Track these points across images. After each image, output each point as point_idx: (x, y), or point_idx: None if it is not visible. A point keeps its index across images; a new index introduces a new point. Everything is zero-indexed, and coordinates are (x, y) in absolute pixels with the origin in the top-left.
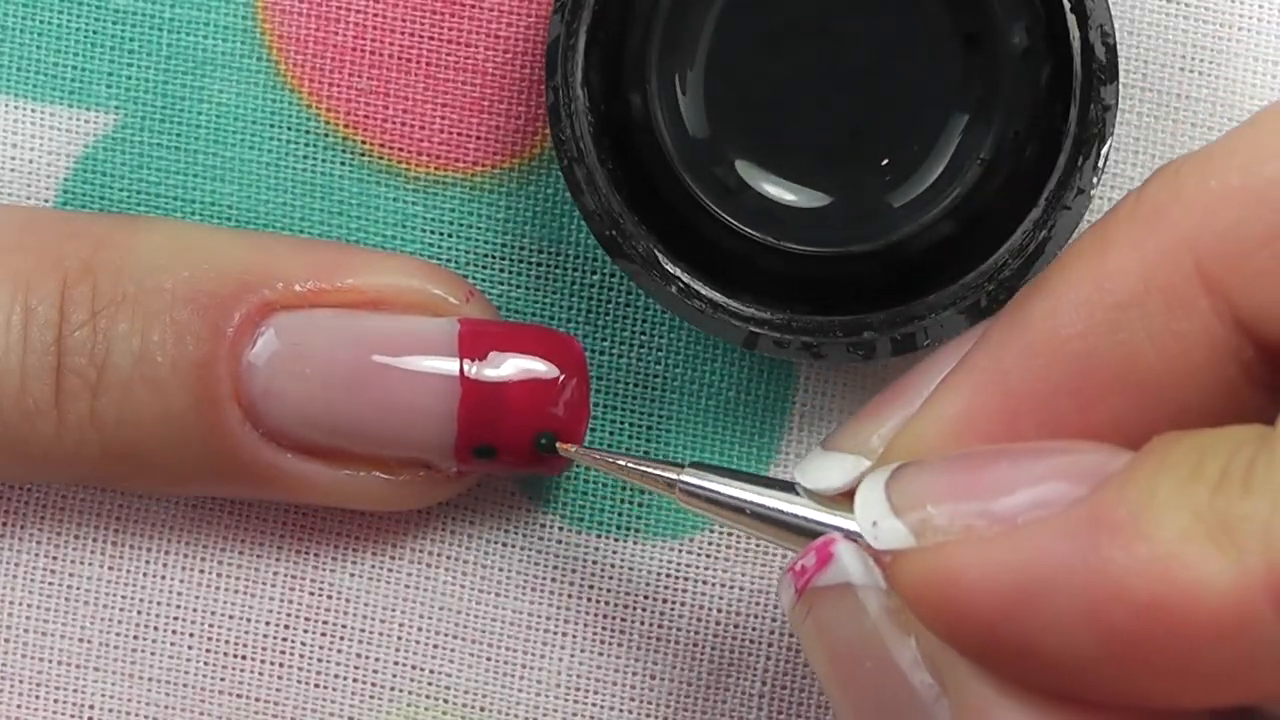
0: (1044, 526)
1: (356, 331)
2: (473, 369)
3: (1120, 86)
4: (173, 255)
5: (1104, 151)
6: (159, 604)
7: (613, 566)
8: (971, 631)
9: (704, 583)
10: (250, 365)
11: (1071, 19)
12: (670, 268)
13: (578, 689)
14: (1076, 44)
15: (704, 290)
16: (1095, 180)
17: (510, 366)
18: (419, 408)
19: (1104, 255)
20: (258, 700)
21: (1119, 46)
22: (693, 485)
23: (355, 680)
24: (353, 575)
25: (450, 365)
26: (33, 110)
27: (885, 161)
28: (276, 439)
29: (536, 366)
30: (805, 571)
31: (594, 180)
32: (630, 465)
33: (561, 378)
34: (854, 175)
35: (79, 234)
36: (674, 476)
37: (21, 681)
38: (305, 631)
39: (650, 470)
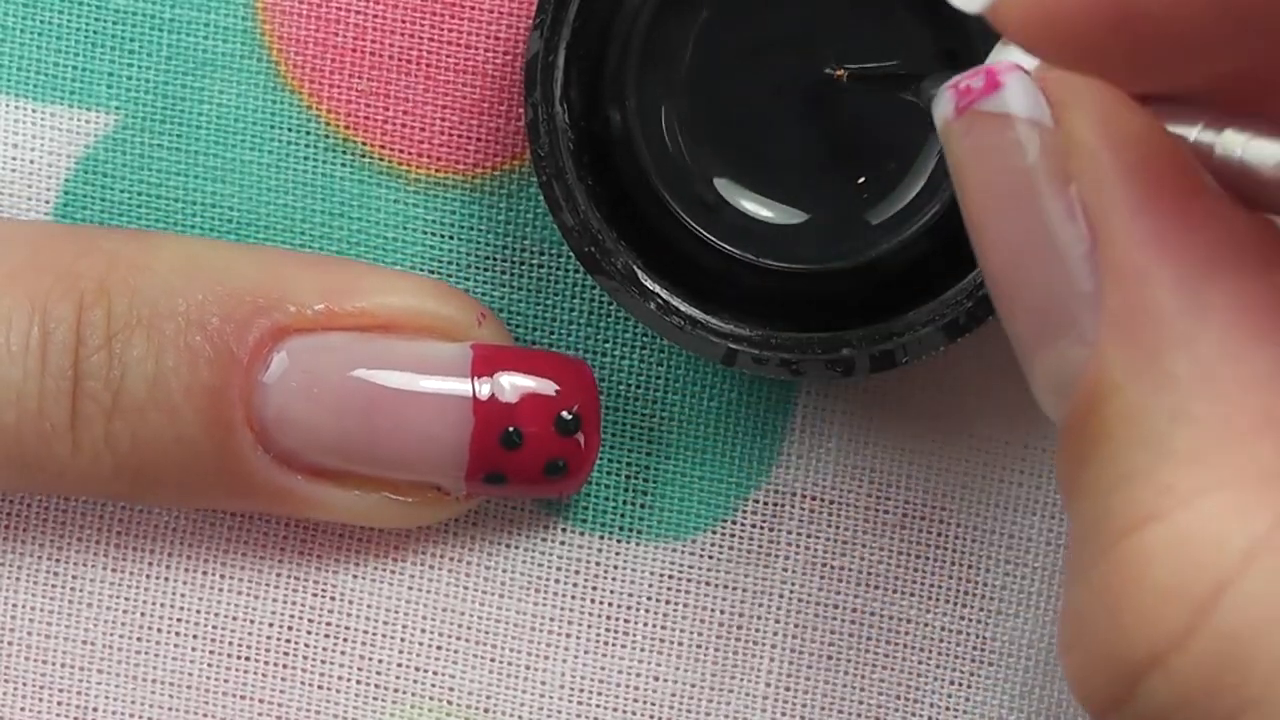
0: None
1: (369, 356)
2: (485, 396)
3: None
4: (186, 276)
5: None
6: (162, 606)
7: (616, 568)
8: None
9: (707, 584)
10: (263, 390)
11: None
12: (649, 284)
13: (581, 690)
14: None
15: (683, 307)
16: None
17: (523, 393)
18: (431, 434)
19: None
20: (261, 702)
21: None
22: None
23: (358, 682)
24: (355, 577)
25: (463, 391)
26: (33, 110)
27: (863, 179)
28: (288, 462)
29: (549, 393)
30: (970, 92)
31: (573, 196)
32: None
33: (575, 405)
34: (832, 192)
35: (92, 251)
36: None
37: (25, 684)
38: (308, 633)
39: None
